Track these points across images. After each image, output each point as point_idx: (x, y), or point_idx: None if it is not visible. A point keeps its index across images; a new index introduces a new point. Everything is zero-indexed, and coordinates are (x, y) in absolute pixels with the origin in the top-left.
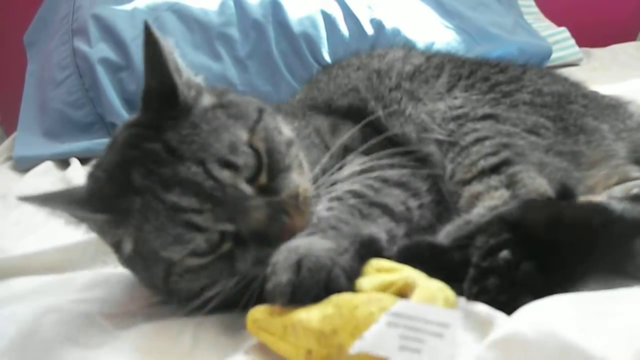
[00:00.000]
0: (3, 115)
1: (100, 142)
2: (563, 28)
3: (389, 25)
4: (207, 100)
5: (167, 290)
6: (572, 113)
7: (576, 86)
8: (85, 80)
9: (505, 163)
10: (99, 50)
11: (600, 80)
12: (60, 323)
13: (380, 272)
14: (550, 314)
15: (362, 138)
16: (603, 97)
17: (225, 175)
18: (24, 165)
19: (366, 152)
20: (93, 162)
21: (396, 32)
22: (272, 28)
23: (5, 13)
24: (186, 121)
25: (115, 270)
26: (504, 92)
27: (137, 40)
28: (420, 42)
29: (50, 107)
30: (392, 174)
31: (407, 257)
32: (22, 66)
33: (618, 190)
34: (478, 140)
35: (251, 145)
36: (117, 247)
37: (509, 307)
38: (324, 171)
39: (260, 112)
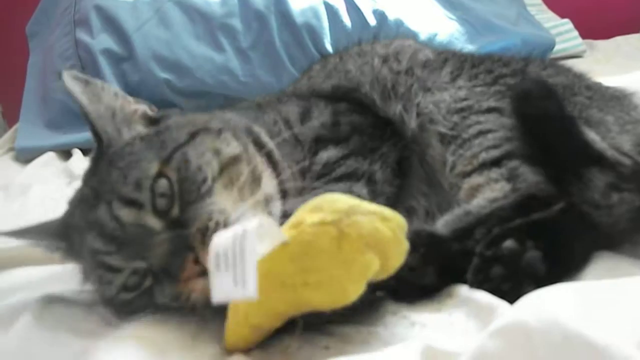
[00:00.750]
0: (5, 107)
1: None
2: (566, 20)
3: (391, 16)
4: (135, 131)
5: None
6: (577, 105)
7: (580, 77)
8: (88, 71)
9: (507, 156)
10: (101, 41)
11: (603, 72)
12: (62, 313)
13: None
14: (553, 303)
15: (332, 124)
16: (607, 88)
17: (125, 213)
18: (26, 156)
19: (336, 143)
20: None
21: (399, 23)
22: (274, 19)
23: (7, 4)
24: (104, 161)
25: None
26: (509, 85)
27: (139, 31)
28: (423, 33)
29: (52, 98)
30: (363, 166)
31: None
32: (24, 57)
33: None
34: (481, 133)
35: (164, 176)
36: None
37: (512, 296)
38: (302, 171)
39: (193, 135)
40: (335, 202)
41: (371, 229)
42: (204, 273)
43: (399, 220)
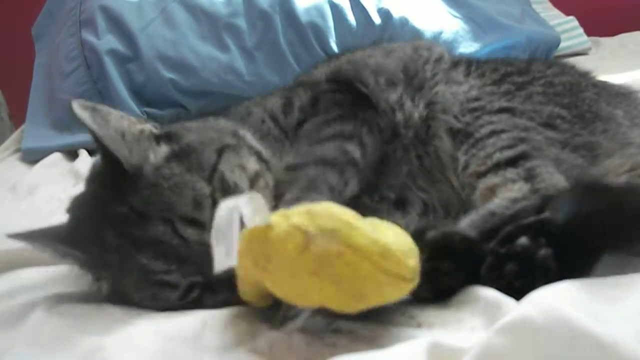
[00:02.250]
0: (12, 108)
1: None
2: (571, 17)
3: (396, 14)
4: (160, 152)
5: None
6: (586, 100)
7: (585, 76)
8: (93, 72)
9: (522, 157)
10: (107, 41)
11: (609, 69)
12: (71, 312)
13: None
14: (559, 299)
15: (311, 104)
16: (612, 86)
17: (190, 233)
18: (32, 157)
19: (316, 115)
20: (73, 196)
21: (404, 22)
22: (279, 18)
23: (13, 5)
24: (142, 181)
25: None
26: (517, 84)
27: (145, 31)
28: (428, 31)
29: (58, 98)
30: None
31: (439, 248)
32: (30, 59)
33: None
34: (494, 133)
35: (213, 198)
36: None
37: (524, 293)
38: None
39: (220, 153)
40: (331, 217)
41: (334, 260)
42: None
43: (404, 257)
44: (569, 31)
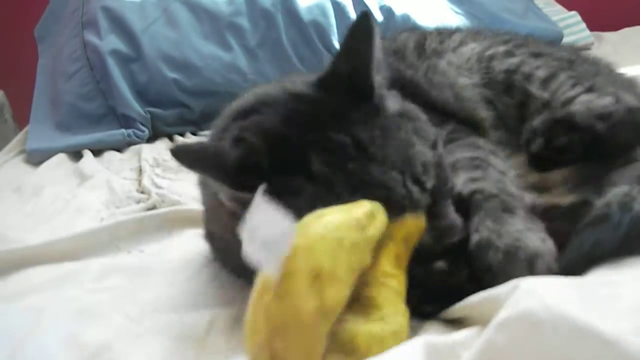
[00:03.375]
0: (15, 110)
1: (111, 134)
2: (574, 12)
3: (398, 11)
4: (392, 104)
5: None
6: (588, 60)
7: (580, 53)
8: (96, 73)
9: (591, 88)
10: (109, 42)
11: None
12: (80, 312)
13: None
14: (557, 295)
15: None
16: (609, 64)
17: (416, 190)
18: (36, 158)
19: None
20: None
21: (406, 19)
22: (281, 17)
23: (15, 7)
24: (377, 122)
25: (127, 256)
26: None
27: (147, 32)
28: (431, 28)
29: (62, 99)
30: (480, 142)
31: (564, 126)
32: (34, 61)
33: None
34: (552, 76)
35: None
36: None
37: None
38: None
39: (436, 135)
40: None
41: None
42: None
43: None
44: (571, 26)
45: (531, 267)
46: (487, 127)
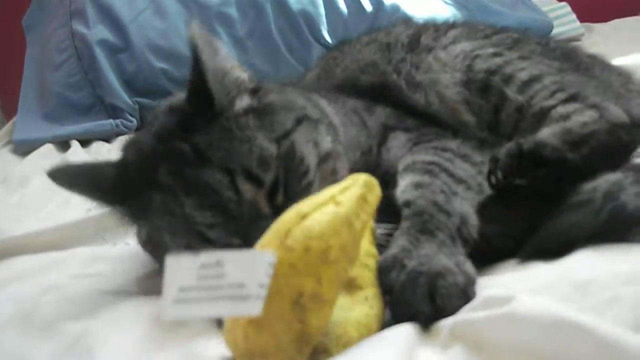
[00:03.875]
0: (3, 100)
1: (100, 124)
2: (564, 3)
3: (388, 1)
4: (244, 102)
5: None
6: (582, 64)
7: (576, 48)
8: (84, 63)
9: (574, 97)
10: (98, 32)
11: (602, 55)
12: (61, 300)
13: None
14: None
15: (397, 116)
16: (606, 60)
17: (247, 189)
18: (24, 149)
19: (405, 130)
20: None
21: (395, 9)
22: (270, 7)
23: None
24: (217, 125)
25: (114, 247)
26: (513, 41)
27: (135, 22)
28: (420, 18)
29: (50, 90)
30: (452, 145)
31: (530, 161)
32: (22, 50)
33: None
34: (534, 80)
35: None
36: (136, 229)
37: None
38: (363, 153)
39: (299, 122)
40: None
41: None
42: None
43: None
44: (561, 17)
45: (433, 288)
46: (471, 128)
